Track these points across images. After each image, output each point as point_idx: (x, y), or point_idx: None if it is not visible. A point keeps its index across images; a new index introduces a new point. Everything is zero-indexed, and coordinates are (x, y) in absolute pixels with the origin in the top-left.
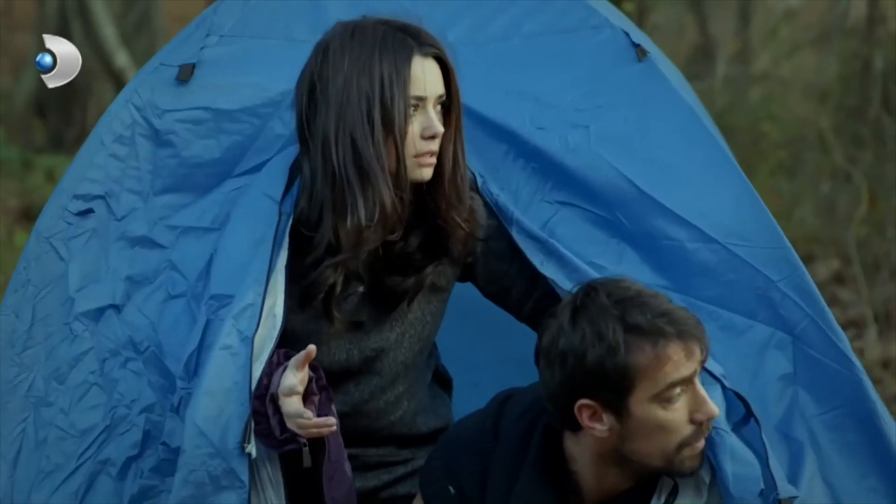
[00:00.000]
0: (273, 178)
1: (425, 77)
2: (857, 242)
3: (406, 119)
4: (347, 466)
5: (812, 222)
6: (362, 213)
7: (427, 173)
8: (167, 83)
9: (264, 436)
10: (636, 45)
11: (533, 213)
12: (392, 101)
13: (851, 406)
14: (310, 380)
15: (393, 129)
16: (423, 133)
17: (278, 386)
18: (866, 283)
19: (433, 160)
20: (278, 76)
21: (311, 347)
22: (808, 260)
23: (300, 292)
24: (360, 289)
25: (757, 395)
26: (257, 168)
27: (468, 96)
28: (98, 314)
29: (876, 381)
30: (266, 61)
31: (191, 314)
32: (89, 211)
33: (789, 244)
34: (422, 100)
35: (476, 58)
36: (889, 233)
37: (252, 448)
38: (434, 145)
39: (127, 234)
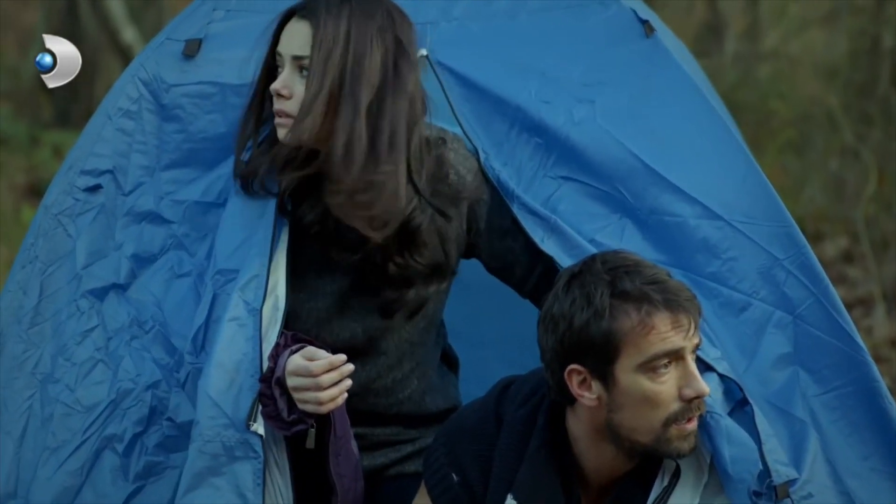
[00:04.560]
0: None
1: (286, 36)
2: (865, 220)
3: (260, 78)
4: (353, 444)
5: (821, 200)
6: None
7: (279, 133)
8: (173, 57)
9: (272, 418)
10: (644, 22)
11: (536, 189)
12: (262, 62)
13: (855, 386)
14: None
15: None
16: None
17: (284, 369)
18: (875, 261)
19: (281, 120)
20: None
21: (343, 358)
22: (816, 238)
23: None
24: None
25: (755, 373)
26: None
27: (474, 70)
28: (102, 293)
29: (884, 360)
30: None
31: (197, 294)
32: (97, 187)
33: (794, 222)
34: (280, 56)
35: (482, 32)
36: None
37: (259, 427)
38: (278, 104)
39: (134, 210)
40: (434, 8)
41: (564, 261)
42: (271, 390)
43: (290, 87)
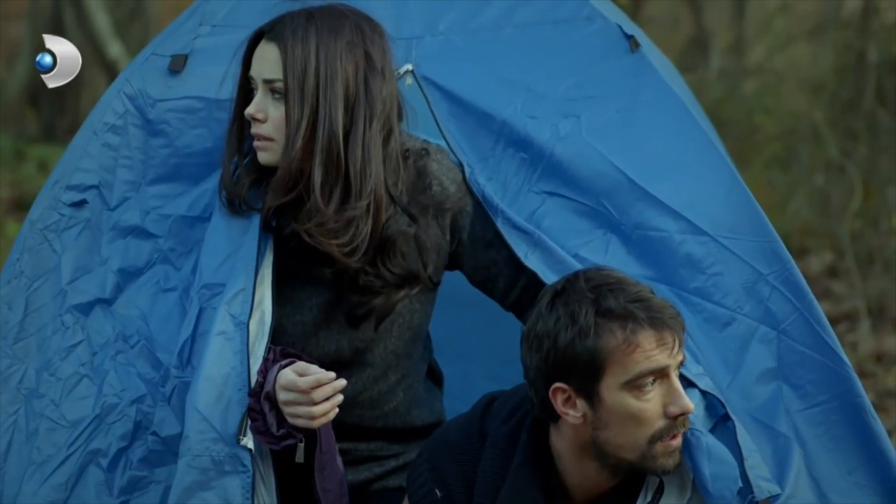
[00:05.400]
0: None
1: (256, 59)
2: (850, 235)
3: (238, 101)
4: (339, 459)
5: (806, 215)
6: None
7: (260, 157)
8: (159, 73)
9: (261, 433)
10: (629, 37)
11: (521, 204)
12: (237, 84)
13: (839, 401)
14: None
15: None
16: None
17: (273, 384)
18: (860, 276)
19: (259, 143)
20: None
21: (332, 375)
22: (801, 253)
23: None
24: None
25: (739, 388)
26: None
27: (459, 85)
28: (88, 308)
29: (869, 375)
30: None
31: (182, 308)
32: (83, 202)
33: (778, 237)
34: (252, 80)
35: (468, 47)
36: (883, 226)
37: (248, 441)
38: (255, 128)
39: (119, 224)
40: (419, 22)
41: (548, 276)
42: (260, 405)
43: (265, 111)
